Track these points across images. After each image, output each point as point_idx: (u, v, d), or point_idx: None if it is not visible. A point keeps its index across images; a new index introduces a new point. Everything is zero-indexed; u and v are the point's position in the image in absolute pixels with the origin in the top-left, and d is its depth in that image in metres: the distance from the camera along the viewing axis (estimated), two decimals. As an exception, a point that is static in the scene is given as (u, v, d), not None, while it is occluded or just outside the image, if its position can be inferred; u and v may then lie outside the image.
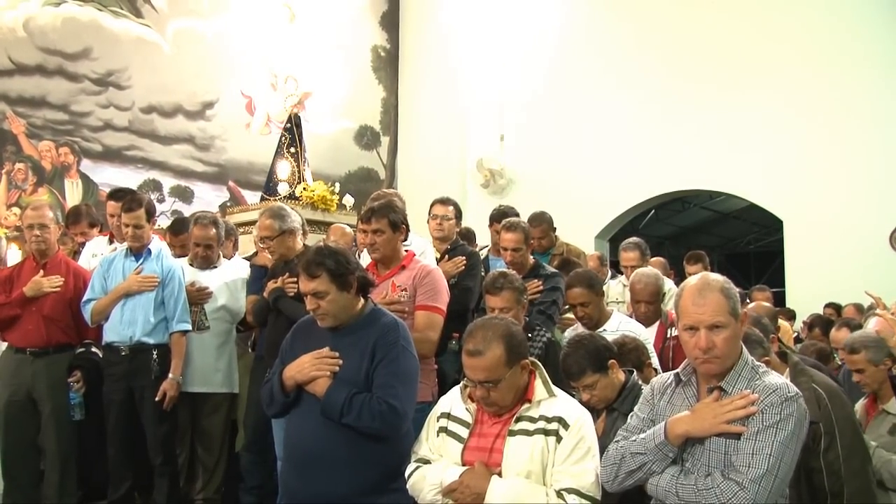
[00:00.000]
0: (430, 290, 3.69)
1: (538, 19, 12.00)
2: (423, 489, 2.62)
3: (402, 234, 3.79)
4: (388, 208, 3.75)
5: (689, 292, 2.28)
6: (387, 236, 3.72)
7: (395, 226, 3.72)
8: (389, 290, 3.68)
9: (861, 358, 3.76)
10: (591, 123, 11.17)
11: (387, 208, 3.75)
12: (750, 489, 2.09)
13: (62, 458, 4.43)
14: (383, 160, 12.96)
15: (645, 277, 4.44)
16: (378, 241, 3.72)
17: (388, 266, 3.80)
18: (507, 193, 11.66)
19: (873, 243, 8.89)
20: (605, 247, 11.14)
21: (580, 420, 2.54)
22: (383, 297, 3.58)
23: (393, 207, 3.77)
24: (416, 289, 3.68)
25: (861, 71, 9.17)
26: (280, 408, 2.95)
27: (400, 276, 3.74)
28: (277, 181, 7.15)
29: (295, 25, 11.65)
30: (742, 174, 10.06)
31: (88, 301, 4.45)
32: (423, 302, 3.67)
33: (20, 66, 8.86)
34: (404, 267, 3.77)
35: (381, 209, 3.74)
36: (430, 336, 3.62)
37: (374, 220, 3.71)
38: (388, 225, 3.70)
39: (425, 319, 3.63)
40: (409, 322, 3.51)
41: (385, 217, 3.70)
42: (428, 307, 3.66)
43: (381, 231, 3.70)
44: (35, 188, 8.96)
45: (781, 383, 2.24)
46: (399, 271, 3.76)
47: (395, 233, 3.74)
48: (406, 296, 3.66)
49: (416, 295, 3.67)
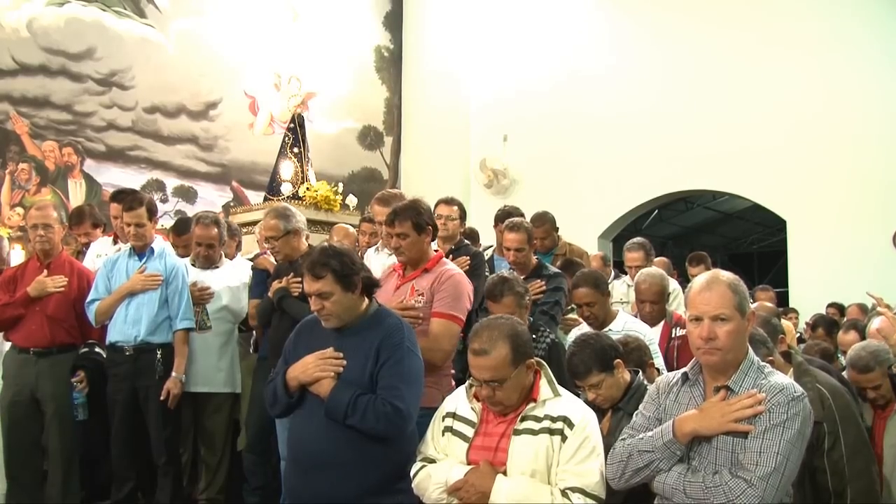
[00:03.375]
0: (446, 296, 3.47)
1: (542, 20, 12.01)
2: (429, 488, 2.62)
3: (427, 236, 3.59)
4: (412, 210, 3.55)
5: (697, 285, 2.34)
6: (411, 239, 3.53)
7: (419, 228, 3.53)
8: (408, 294, 3.52)
9: (877, 375, 3.67)
10: (595, 123, 11.17)
11: (410, 210, 3.55)
12: (758, 486, 2.11)
13: (65, 459, 4.43)
14: (386, 160, 12.95)
15: (650, 277, 4.44)
16: (403, 245, 3.54)
17: (415, 268, 3.61)
18: (510, 193, 11.67)
19: (876, 243, 8.89)
20: (608, 247, 11.15)
21: (585, 419, 2.54)
22: (399, 301, 3.45)
23: (417, 209, 3.57)
24: (434, 294, 3.48)
25: (865, 71, 9.17)
26: (284, 408, 2.94)
27: (421, 280, 3.54)
28: (281, 181, 7.16)
29: (298, 25, 11.65)
30: (745, 174, 10.06)
31: (92, 301, 4.45)
32: (439, 309, 3.45)
33: (24, 67, 8.85)
34: (427, 270, 3.57)
35: (405, 212, 3.55)
36: (441, 345, 3.38)
37: (397, 224, 3.52)
38: (412, 227, 3.51)
39: (438, 328, 3.40)
40: (425, 328, 3.37)
41: (408, 220, 3.51)
42: (442, 315, 3.44)
43: (405, 234, 3.52)
44: (38, 188, 8.95)
45: (787, 383, 2.27)
46: (421, 274, 3.57)
47: (421, 234, 3.54)
48: (423, 301, 3.46)
49: (434, 301, 3.47)
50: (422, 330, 3.30)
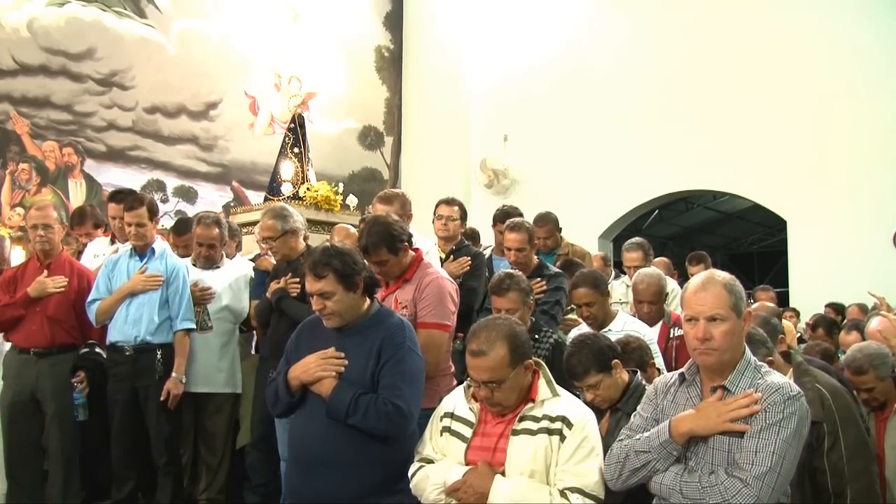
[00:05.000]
0: (429, 304, 3.44)
1: (542, 20, 12.00)
2: (427, 489, 2.62)
3: (405, 252, 3.54)
4: (380, 236, 3.45)
5: (693, 285, 2.34)
6: (391, 262, 3.50)
7: (395, 250, 3.47)
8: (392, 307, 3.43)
9: (870, 378, 3.67)
10: (595, 123, 11.17)
11: (378, 237, 3.45)
12: (754, 486, 2.12)
13: (66, 459, 4.42)
14: (387, 160, 12.96)
15: (648, 277, 4.44)
16: (384, 270, 3.50)
17: (396, 280, 3.58)
18: (510, 193, 11.67)
19: (876, 243, 8.89)
20: (608, 247, 11.15)
21: (584, 419, 2.54)
22: None
23: (387, 232, 3.46)
24: (416, 304, 3.45)
25: (865, 71, 9.17)
26: (285, 408, 2.95)
27: (403, 291, 3.52)
28: (281, 181, 7.15)
29: (298, 25, 11.65)
30: (746, 174, 10.06)
31: (93, 301, 4.46)
32: (424, 319, 3.43)
33: (24, 67, 8.86)
34: (407, 280, 3.54)
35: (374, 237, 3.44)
36: (430, 356, 3.24)
37: (373, 255, 3.43)
38: (388, 252, 3.46)
39: (425, 339, 3.32)
40: None
41: (382, 247, 3.45)
42: (428, 324, 3.41)
43: (384, 261, 3.48)
44: (39, 188, 8.96)
45: (784, 382, 2.26)
46: (402, 285, 3.54)
47: (399, 255, 3.50)
48: (407, 314, 3.40)
49: (417, 310, 3.45)
50: None
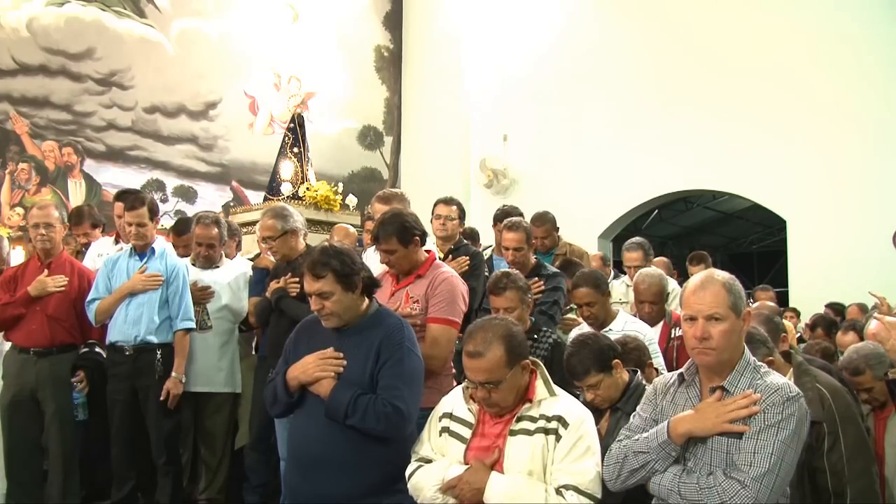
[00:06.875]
0: (442, 301, 3.45)
1: (542, 20, 12.00)
2: (424, 489, 2.61)
3: (416, 246, 3.54)
4: (393, 225, 3.49)
5: (692, 284, 2.34)
6: (399, 253, 3.50)
7: (405, 241, 3.49)
8: (403, 301, 3.50)
9: (867, 377, 3.69)
10: (595, 123, 11.16)
11: (391, 225, 3.49)
12: (752, 487, 2.11)
13: (65, 458, 4.42)
14: (386, 160, 12.97)
15: (648, 277, 4.43)
16: (392, 259, 3.53)
17: (409, 275, 3.58)
18: (510, 193, 11.67)
19: (876, 243, 8.88)
20: (608, 247, 11.15)
21: (580, 419, 2.53)
22: (395, 309, 3.38)
23: (400, 222, 3.51)
24: (429, 300, 3.46)
25: (865, 71, 9.15)
26: (284, 408, 2.94)
27: (415, 287, 3.52)
28: (281, 181, 7.16)
29: (298, 25, 11.67)
30: (745, 174, 10.05)
31: (92, 301, 4.45)
32: (435, 315, 3.44)
33: (23, 67, 8.87)
34: (420, 276, 3.54)
35: (386, 228, 3.50)
36: (439, 352, 3.37)
37: (382, 241, 3.48)
38: (397, 242, 3.48)
39: (436, 333, 3.39)
40: (422, 336, 3.33)
41: (392, 236, 3.47)
42: (439, 320, 3.42)
43: (392, 250, 3.50)
44: (38, 188, 8.97)
45: (783, 383, 2.26)
46: (415, 280, 3.54)
47: (409, 246, 3.51)
48: (418, 308, 3.44)
49: (429, 306, 3.45)
50: (419, 337, 3.26)
